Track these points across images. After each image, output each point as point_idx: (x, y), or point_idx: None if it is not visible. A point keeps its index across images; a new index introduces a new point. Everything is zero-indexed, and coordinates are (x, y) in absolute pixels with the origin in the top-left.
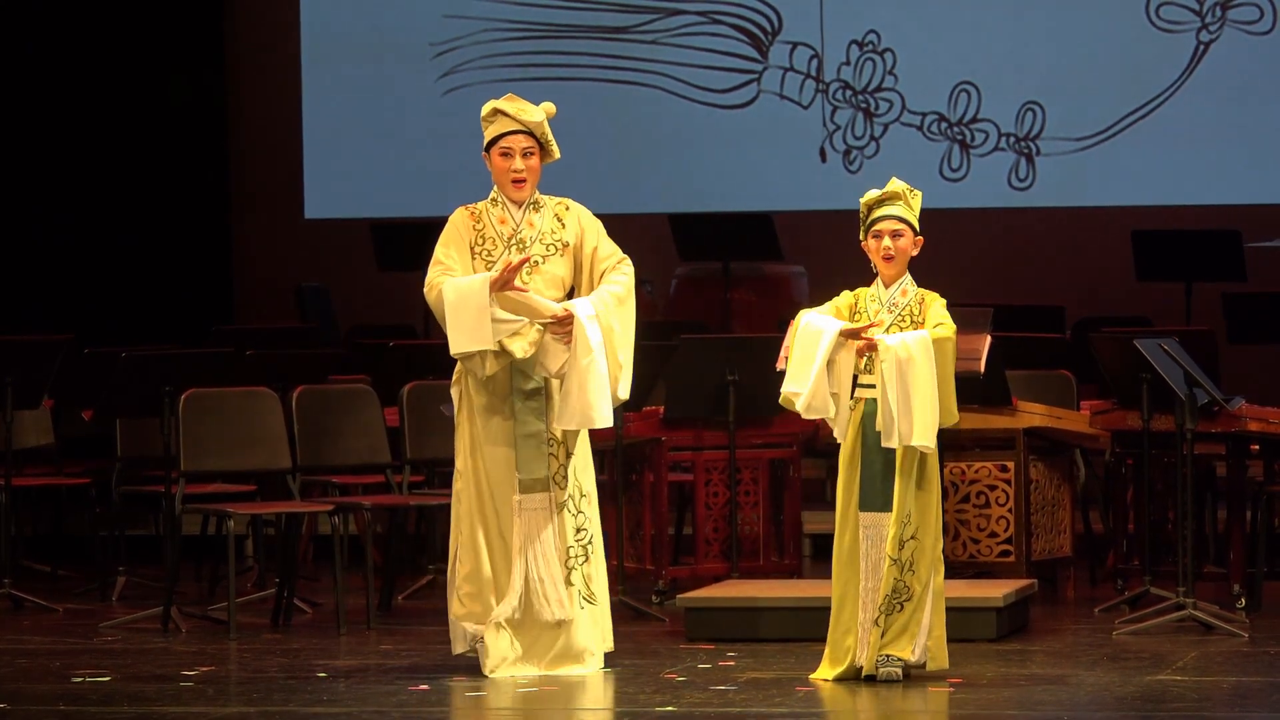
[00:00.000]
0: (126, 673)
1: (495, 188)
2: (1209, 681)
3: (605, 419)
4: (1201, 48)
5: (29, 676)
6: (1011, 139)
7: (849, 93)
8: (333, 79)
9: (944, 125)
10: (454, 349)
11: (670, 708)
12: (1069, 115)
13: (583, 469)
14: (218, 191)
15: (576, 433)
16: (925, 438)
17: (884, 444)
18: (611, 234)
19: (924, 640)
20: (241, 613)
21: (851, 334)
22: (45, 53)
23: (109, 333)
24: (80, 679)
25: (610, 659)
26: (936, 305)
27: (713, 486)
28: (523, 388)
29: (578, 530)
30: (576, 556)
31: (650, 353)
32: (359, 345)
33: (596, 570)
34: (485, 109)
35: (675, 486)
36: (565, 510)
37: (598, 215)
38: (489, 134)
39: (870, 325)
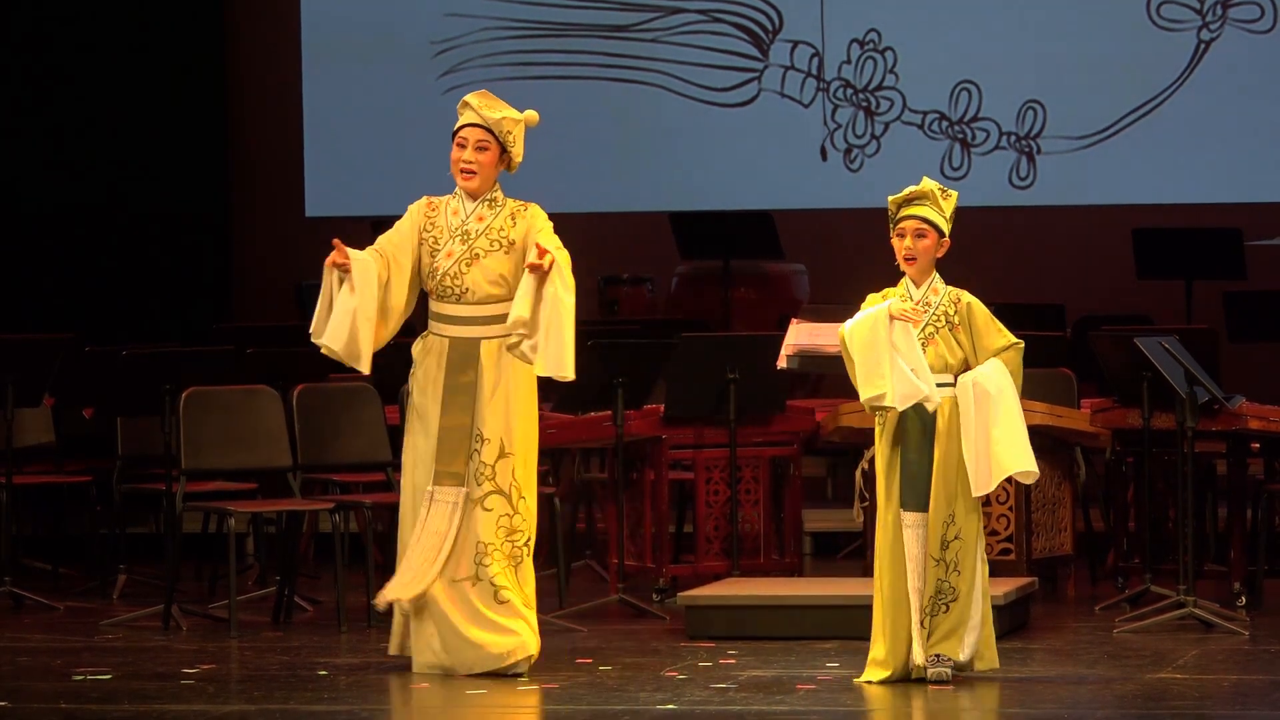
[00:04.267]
0: (127, 671)
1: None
2: (1209, 680)
3: (570, 370)
4: (1202, 46)
5: (30, 675)
6: (1012, 138)
7: (850, 91)
8: (333, 77)
9: (945, 124)
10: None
11: (671, 705)
12: (1070, 114)
13: (524, 470)
14: (218, 191)
15: (514, 431)
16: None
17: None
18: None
19: (972, 639)
20: (242, 611)
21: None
22: (46, 52)
23: (109, 331)
24: (81, 677)
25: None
26: (984, 316)
27: (713, 485)
28: (456, 380)
29: (512, 531)
30: (511, 556)
31: (650, 351)
32: None
33: (530, 574)
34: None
35: (676, 484)
36: (481, 508)
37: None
38: (456, 125)
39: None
